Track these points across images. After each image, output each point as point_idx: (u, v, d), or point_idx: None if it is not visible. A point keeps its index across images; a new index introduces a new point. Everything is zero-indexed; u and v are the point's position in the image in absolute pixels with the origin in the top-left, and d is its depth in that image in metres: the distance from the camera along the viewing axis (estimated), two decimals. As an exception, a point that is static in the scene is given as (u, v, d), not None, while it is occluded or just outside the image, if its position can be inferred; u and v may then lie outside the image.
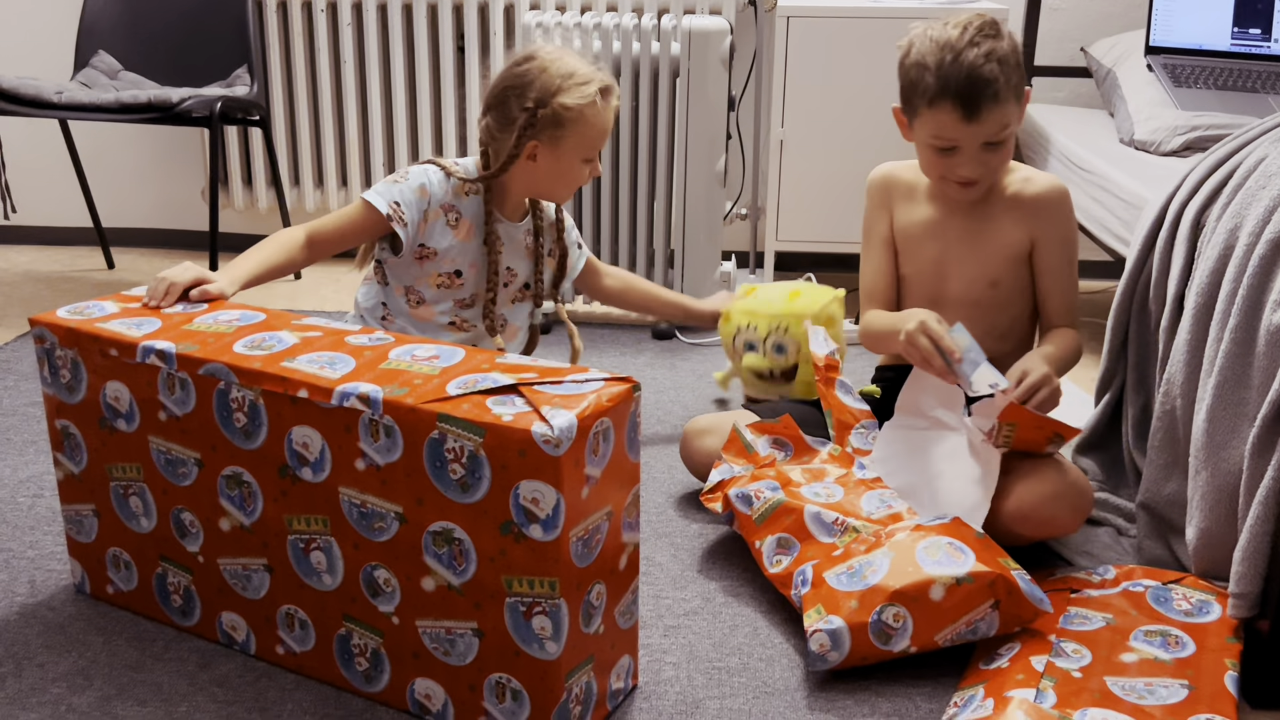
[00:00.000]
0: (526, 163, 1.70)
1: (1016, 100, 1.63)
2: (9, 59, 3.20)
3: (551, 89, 1.66)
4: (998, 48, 1.60)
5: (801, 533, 1.57)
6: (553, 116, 1.67)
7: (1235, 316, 1.44)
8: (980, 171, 1.66)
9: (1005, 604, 1.40)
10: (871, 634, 1.39)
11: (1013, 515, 1.59)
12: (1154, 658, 1.36)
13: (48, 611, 1.52)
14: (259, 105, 2.87)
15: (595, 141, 1.73)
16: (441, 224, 1.70)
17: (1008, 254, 1.73)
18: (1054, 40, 3.03)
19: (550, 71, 1.67)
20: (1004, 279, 1.73)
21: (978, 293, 1.74)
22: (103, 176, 3.26)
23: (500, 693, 1.25)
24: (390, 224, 1.66)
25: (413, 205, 1.68)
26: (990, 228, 1.73)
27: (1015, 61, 1.62)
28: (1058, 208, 1.72)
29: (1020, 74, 1.63)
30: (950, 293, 1.76)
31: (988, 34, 1.61)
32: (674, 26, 2.53)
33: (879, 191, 1.82)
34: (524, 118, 1.66)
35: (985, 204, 1.73)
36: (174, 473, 1.40)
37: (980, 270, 1.74)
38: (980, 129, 1.61)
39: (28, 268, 3.17)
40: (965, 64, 1.59)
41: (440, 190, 1.71)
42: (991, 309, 1.74)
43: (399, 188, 1.67)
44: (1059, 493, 1.59)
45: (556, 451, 1.12)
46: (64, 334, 1.42)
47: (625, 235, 2.68)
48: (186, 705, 1.34)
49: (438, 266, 1.71)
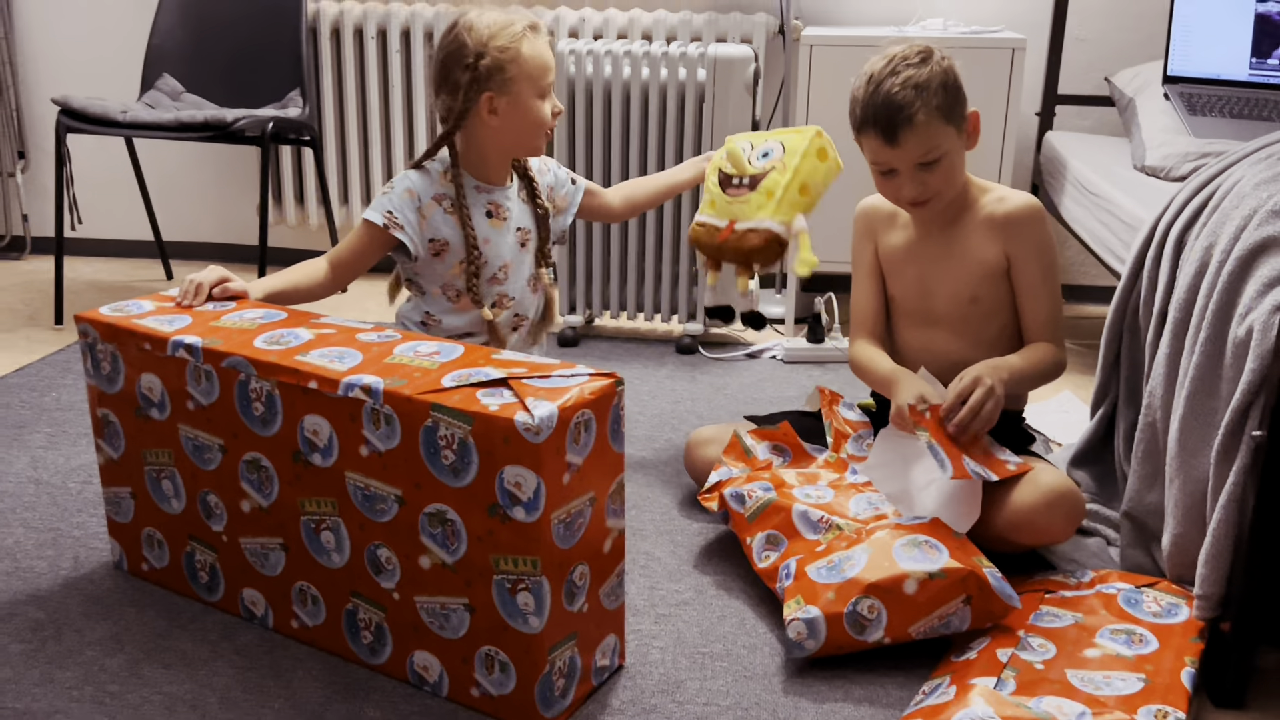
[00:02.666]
0: (489, 119, 1.76)
1: (945, 121, 1.69)
2: (81, 81, 3.41)
3: (483, 40, 1.73)
4: (917, 74, 1.67)
5: (789, 530, 1.65)
6: (493, 64, 1.73)
7: (1206, 329, 1.50)
8: (919, 191, 1.73)
9: (977, 599, 1.46)
10: (847, 624, 1.47)
11: (1006, 523, 1.65)
12: (1116, 653, 1.42)
13: (88, 584, 1.65)
14: (310, 126, 3.03)
15: (541, 75, 1.77)
16: (440, 214, 1.79)
17: (983, 270, 1.79)
18: (1080, 70, 3.09)
19: (476, 27, 1.74)
20: (983, 294, 1.79)
21: (960, 309, 1.81)
22: (165, 193, 3.44)
23: (490, 665, 1.34)
24: (390, 233, 1.76)
25: (405, 207, 1.77)
26: (964, 246, 1.80)
27: (940, 86, 1.68)
28: (1028, 224, 1.77)
29: (949, 97, 1.69)
30: (935, 310, 1.83)
31: (911, 63, 1.69)
32: (700, 54, 2.64)
33: (862, 222, 1.92)
34: (468, 76, 1.73)
35: (959, 223, 1.80)
36: (200, 458, 1.52)
37: (959, 287, 1.81)
38: (904, 153, 1.69)
39: (92, 277, 3.36)
40: (881, 93, 1.68)
41: (423, 185, 1.80)
42: (975, 322, 1.80)
43: (388, 198, 1.78)
44: (1051, 501, 1.64)
45: (537, 439, 1.22)
46: (104, 329, 1.56)
47: (651, 254, 2.77)
48: (206, 670, 1.45)
49: (455, 255, 1.80)
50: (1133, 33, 3.07)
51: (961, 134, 1.73)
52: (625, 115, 2.70)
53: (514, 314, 1.88)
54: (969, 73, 1.74)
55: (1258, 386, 1.36)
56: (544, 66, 1.77)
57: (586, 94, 2.71)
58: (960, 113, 1.72)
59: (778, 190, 1.89)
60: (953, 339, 1.81)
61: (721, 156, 2.00)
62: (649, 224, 2.76)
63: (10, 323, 2.91)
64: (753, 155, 1.96)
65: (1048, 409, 2.35)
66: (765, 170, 1.93)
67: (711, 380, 2.55)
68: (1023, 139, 3.09)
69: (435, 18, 3.16)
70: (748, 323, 2.00)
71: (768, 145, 1.96)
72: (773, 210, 1.88)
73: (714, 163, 2.01)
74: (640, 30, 3.10)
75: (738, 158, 1.96)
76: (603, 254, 2.81)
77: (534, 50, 1.75)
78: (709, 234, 1.95)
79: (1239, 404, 1.39)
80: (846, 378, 2.55)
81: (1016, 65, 2.60)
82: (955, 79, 1.71)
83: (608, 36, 3.10)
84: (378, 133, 3.29)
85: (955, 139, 1.72)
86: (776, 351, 2.74)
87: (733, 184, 1.95)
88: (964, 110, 1.73)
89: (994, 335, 1.80)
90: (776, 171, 1.91)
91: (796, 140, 1.94)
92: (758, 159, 1.95)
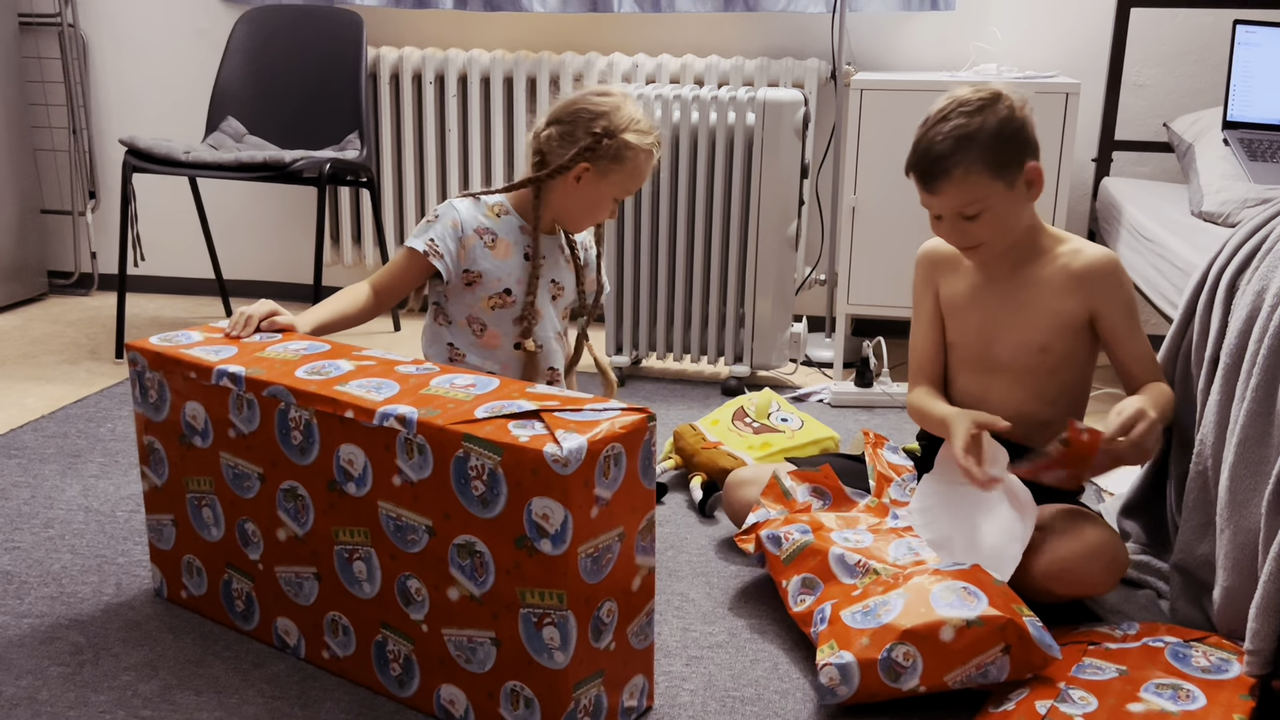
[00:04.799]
0: (570, 182, 1.81)
1: (992, 176, 1.64)
2: (151, 124, 3.52)
3: (621, 125, 1.79)
4: (967, 124, 1.64)
5: (825, 574, 1.62)
6: (614, 149, 1.79)
7: (1257, 375, 1.46)
8: (960, 239, 1.71)
9: (1016, 649, 1.43)
10: (881, 671, 1.43)
11: (1045, 573, 1.61)
12: (1161, 709, 1.37)
13: (128, 611, 1.68)
14: (367, 168, 3.09)
15: (634, 186, 1.85)
16: (479, 246, 1.82)
17: (1057, 321, 1.73)
18: (1138, 116, 3.05)
19: (623, 110, 1.80)
20: (1054, 345, 1.74)
21: (1027, 358, 1.76)
22: (226, 232, 3.53)
23: (515, 700, 1.34)
24: (429, 260, 1.79)
25: (447, 237, 1.81)
26: (1036, 294, 1.75)
27: (991, 137, 1.63)
28: (1109, 276, 1.72)
29: (1000, 150, 1.64)
30: (998, 358, 1.78)
31: (967, 109, 1.65)
32: (750, 98, 2.65)
33: (924, 267, 1.88)
34: (589, 140, 1.79)
35: (1029, 271, 1.75)
36: (240, 486, 1.54)
37: (1027, 336, 1.75)
38: (941, 201, 1.67)
39: (155, 313, 3.44)
40: (925, 139, 1.67)
41: (470, 217, 1.83)
42: (1040, 374, 1.75)
43: (433, 227, 1.81)
44: (1093, 552, 1.60)
45: (565, 471, 1.22)
46: (152, 358, 1.59)
47: (699, 296, 2.78)
48: (237, 698, 1.46)
49: (486, 289, 1.82)
50: (1193, 79, 3.03)
51: (1014, 187, 1.67)
52: (674, 158, 2.72)
53: (548, 366, 1.89)
54: (1023, 117, 1.70)
55: (1309, 434, 1.32)
56: (640, 181, 1.85)
57: (637, 137, 2.73)
58: (1014, 166, 1.66)
59: (772, 448, 2.15)
60: (1013, 388, 1.76)
61: (750, 399, 2.29)
62: (696, 267, 2.76)
63: (73, 355, 2.99)
64: (776, 414, 2.27)
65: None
66: (776, 428, 2.22)
67: (757, 423, 2.54)
68: (1079, 185, 3.05)
69: (491, 63, 3.21)
70: (699, 509, 2.11)
71: (793, 417, 2.26)
72: (757, 456, 2.12)
73: (740, 399, 2.31)
74: (693, 75, 3.13)
75: (764, 408, 2.27)
76: (650, 296, 2.81)
77: (647, 165, 1.84)
78: (696, 439, 2.19)
79: (1291, 452, 1.35)
80: (894, 422, 2.52)
81: (1070, 110, 2.58)
82: (1016, 129, 1.66)
83: (660, 81, 3.13)
84: (433, 176, 3.34)
85: (1003, 192, 1.66)
86: (824, 395, 2.72)
87: (745, 420, 2.25)
88: (1021, 162, 1.67)
89: (1056, 389, 1.75)
90: (784, 436, 2.19)
91: (817, 431, 2.21)
92: (778, 419, 2.25)
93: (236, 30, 3.24)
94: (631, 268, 2.79)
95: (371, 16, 3.32)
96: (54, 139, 3.63)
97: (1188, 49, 3.02)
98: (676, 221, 2.75)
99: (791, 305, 2.79)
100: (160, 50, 3.51)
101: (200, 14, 3.45)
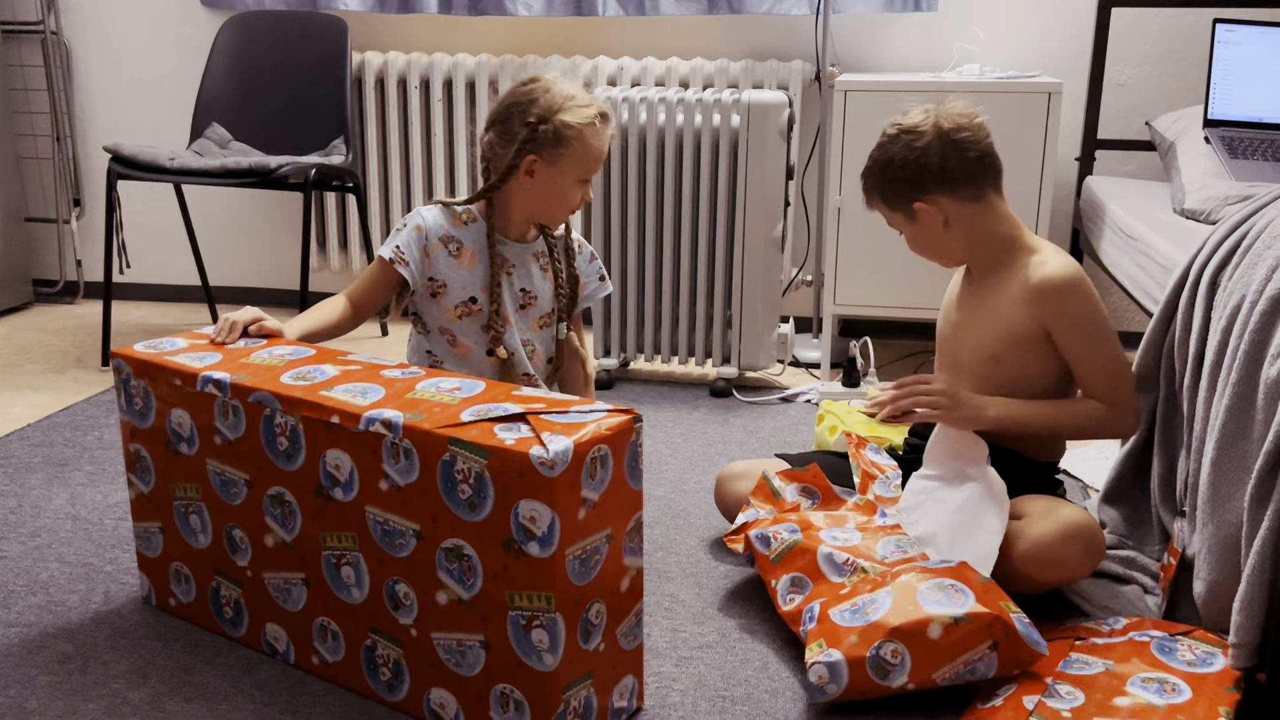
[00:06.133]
0: (524, 179, 1.77)
1: (889, 207, 1.78)
2: (135, 131, 3.51)
3: (554, 108, 1.74)
4: (883, 152, 1.76)
5: (814, 573, 1.63)
6: (553, 134, 1.74)
7: (1236, 371, 1.47)
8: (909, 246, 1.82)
9: (1004, 646, 1.43)
10: (869, 668, 1.44)
11: (1024, 557, 1.62)
12: (1147, 703, 1.38)
13: (117, 619, 1.67)
14: (353, 173, 3.09)
15: (591, 164, 1.78)
16: (444, 255, 1.81)
17: (1007, 332, 1.74)
18: (1121, 115, 3.07)
19: (553, 92, 1.76)
20: (1004, 356, 1.75)
21: (981, 365, 1.78)
22: (212, 239, 3.52)
23: (505, 703, 1.34)
24: (396, 268, 1.78)
25: (411, 244, 1.80)
26: (995, 305, 1.77)
27: (895, 169, 1.73)
28: (1058, 294, 1.70)
29: (895, 184, 1.75)
30: (962, 360, 1.82)
31: (892, 133, 1.76)
32: (735, 100, 2.66)
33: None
34: (525, 132, 1.74)
35: (998, 280, 1.77)
36: (227, 492, 1.54)
37: (983, 344, 1.78)
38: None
39: (141, 321, 3.43)
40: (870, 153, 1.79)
41: (435, 224, 1.82)
42: (995, 382, 1.76)
43: (400, 235, 1.81)
44: (1070, 535, 1.60)
45: (552, 473, 1.22)
46: (138, 365, 1.59)
47: (685, 298, 2.78)
48: (227, 705, 1.46)
49: (451, 299, 1.81)
50: (1174, 78, 3.05)
51: (913, 219, 1.76)
52: (660, 161, 2.73)
53: (523, 373, 1.86)
54: (1004, 117, 1.73)
55: (1290, 428, 1.33)
56: (598, 157, 1.79)
57: (622, 140, 2.73)
58: (903, 201, 1.75)
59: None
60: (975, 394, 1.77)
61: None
62: (683, 269, 2.77)
63: (59, 364, 2.98)
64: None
65: (1087, 455, 2.32)
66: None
67: (745, 423, 2.54)
68: (1062, 184, 3.07)
69: (477, 68, 3.21)
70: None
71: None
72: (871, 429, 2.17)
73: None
74: (678, 78, 3.13)
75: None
76: (637, 299, 2.82)
77: (595, 139, 1.77)
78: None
79: (1272, 446, 1.36)
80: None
81: (1053, 109, 2.59)
82: (906, 170, 1.73)
83: (645, 84, 3.13)
84: (419, 180, 3.34)
85: (905, 222, 1.78)
86: (811, 395, 2.73)
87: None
88: (910, 198, 1.74)
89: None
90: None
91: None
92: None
93: (220, 36, 3.23)
94: (618, 271, 2.80)
95: (356, 21, 3.32)
96: (38, 147, 3.62)
97: (1169, 48, 3.04)
98: (663, 224, 2.76)
99: (778, 306, 2.79)
100: (144, 57, 3.50)
101: (184, 20, 3.45)
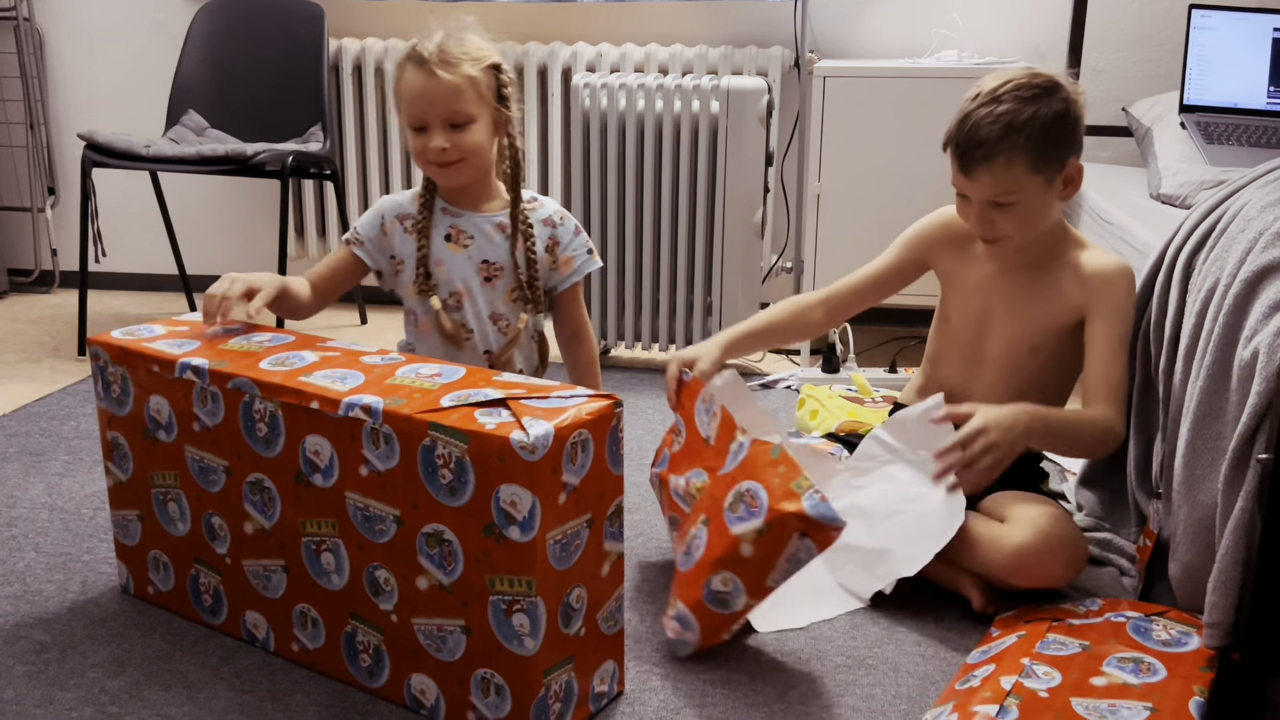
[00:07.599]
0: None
1: (1032, 170, 1.60)
2: (110, 118, 3.47)
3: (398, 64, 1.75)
4: (1019, 111, 1.58)
5: (675, 508, 1.67)
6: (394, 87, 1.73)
7: (1211, 353, 1.48)
8: (984, 229, 1.66)
9: (812, 531, 1.45)
10: (711, 604, 1.49)
11: (1006, 568, 1.62)
12: (1123, 682, 1.39)
13: (94, 608, 1.66)
14: (330, 160, 3.07)
15: (411, 105, 1.70)
16: (399, 232, 1.80)
17: (1053, 322, 1.71)
18: (1098, 101, 3.08)
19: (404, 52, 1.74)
20: (1044, 346, 1.72)
21: (1015, 356, 1.74)
22: (189, 227, 3.49)
23: (485, 688, 1.34)
24: (352, 249, 1.79)
25: (367, 224, 1.80)
26: (1041, 294, 1.72)
27: (1040, 131, 1.59)
28: (1114, 283, 1.68)
29: (1046, 145, 1.60)
30: (989, 351, 1.77)
31: (1022, 95, 1.59)
32: (713, 86, 2.66)
33: (929, 236, 1.82)
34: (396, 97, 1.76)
35: (1041, 269, 1.73)
36: (205, 479, 1.53)
37: (1021, 333, 1.73)
38: (976, 186, 1.63)
39: (118, 310, 3.41)
40: (972, 119, 1.60)
41: (392, 204, 1.81)
42: (1025, 376, 1.73)
43: (361, 219, 1.82)
44: (1053, 548, 1.61)
45: (532, 457, 1.22)
46: (115, 352, 1.58)
47: (666, 285, 2.78)
48: (206, 693, 1.45)
49: (409, 273, 1.80)
50: (1151, 64, 3.06)
51: (1052, 183, 1.63)
52: (639, 147, 2.72)
53: (483, 350, 1.81)
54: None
55: (1264, 410, 1.34)
56: (410, 98, 1.70)
57: (601, 127, 2.73)
58: (1055, 163, 1.62)
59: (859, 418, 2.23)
60: (997, 386, 1.75)
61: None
62: (663, 256, 2.77)
63: (35, 353, 2.95)
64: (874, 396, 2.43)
65: (1063, 439, 2.33)
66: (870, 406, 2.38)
67: (725, 410, 2.54)
68: (1040, 170, 3.08)
69: (455, 54, 3.19)
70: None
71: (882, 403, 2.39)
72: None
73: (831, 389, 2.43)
74: (657, 64, 3.13)
75: (866, 389, 2.44)
76: (617, 285, 2.82)
77: (405, 81, 1.72)
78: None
79: (1245, 428, 1.37)
80: (861, 408, 2.54)
81: (1031, 96, 2.60)
82: (1066, 126, 1.62)
83: (624, 70, 3.13)
84: (398, 167, 3.33)
85: (1041, 188, 1.63)
86: (791, 381, 2.73)
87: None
88: (1062, 160, 1.63)
89: (1039, 393, 1.72)
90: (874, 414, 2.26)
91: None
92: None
93: (196, 22, 3.20)
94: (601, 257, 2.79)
95: (333, 7, 3.29)
96: (11, 135, 3.58)
97: (1145, 34, 3.05)
98: (642, 211, 2.76)
99: (758, 293, 2.80)
100: (118, 43, 3.47)
101: (159, 6, 3.42)
